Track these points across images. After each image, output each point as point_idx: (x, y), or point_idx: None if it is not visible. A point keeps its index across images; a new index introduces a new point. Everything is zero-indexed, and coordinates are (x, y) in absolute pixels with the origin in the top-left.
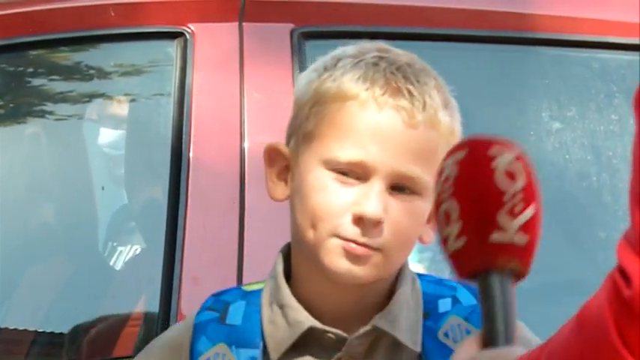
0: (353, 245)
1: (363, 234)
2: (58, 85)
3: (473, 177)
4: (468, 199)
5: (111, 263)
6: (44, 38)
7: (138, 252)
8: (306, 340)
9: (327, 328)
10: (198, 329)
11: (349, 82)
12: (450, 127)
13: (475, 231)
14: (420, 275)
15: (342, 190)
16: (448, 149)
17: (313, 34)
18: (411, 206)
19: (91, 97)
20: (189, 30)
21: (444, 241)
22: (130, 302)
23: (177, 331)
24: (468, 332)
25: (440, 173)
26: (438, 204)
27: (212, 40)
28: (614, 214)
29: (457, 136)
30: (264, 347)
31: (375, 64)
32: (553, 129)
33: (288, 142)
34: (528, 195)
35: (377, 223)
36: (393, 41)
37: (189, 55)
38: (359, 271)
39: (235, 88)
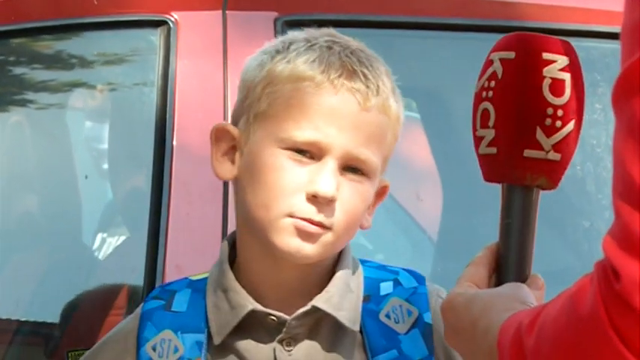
0: (306, 224)
1: (318, 212)
2: (41, 74)
3: (519, 84)
4: (507, 109)
5: (93, 252)
6: (26, 27)
7: (121, 240)
8: (249, 322)
9: (269, 311)
10: (144, 317)
11: (304, 64)
12: (397, 113)
13: (509, 144)
14: (363, 261)
15: (296, 168)
16: (394, 136)
17: (297, 22)
18: (360, 187)
19: (73, 86)
20: (172, 18)
21: (477, 140)
22: (114, 291)
23: (124, 324)
24: (410, 313)
25: (485, 67)
26: (477, 101)
27: (195, 29)
28: (598, 203)
29: (401, 123)
30: (209, 332)
31: (330, 48)
32: None
33: (235, 123)
34: (571, 109)
35: (330, 201)
36: (377, 29)
37: (173, 44)
38: (309, 249)
39: (219, 77)
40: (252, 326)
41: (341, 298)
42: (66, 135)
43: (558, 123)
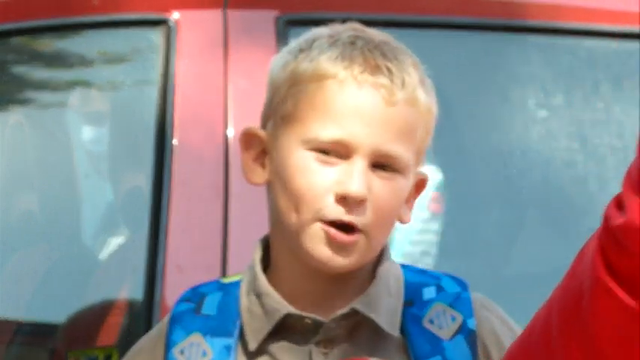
0: (337, 232)
1: (347, 212)
2: (41, 73)
3: None
4: None
5: (94, 251)
6: (26, 26)
7: (122, 240)
8: (285, 327)
9: (304, 314)
10: (174, 320)
11: (327, 62)
12: (427, 104)
13: None
14: (404, 266)
15: (324, 169)
16: (426, 129)
17: (298, 21)
18: (393, 184)
19: (74, 85)
20: (173, 17)
21: None
22: (114, 291)
23: (156, 327)
24: (453, 319)
25: None
26: None
27: (196, 28)
28: (600, 203)
29: (434, 114)
30: (243, 336)
31: (352, 43)
32: (539, 117)
33: (264, 126)
34: None
35: (361, 202)
36: (379, 28)
37: (173, 43)
38: (341, 260)
39: (219, 76)
40: (287, 330)
41: (381, 302)
42: (66, 134)
43: None
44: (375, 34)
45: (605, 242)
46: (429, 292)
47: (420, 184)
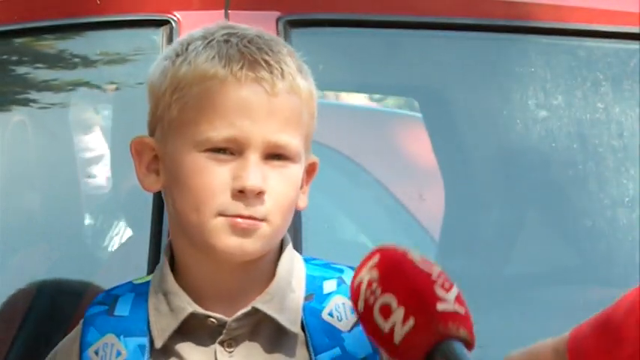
0: (239, 220)
1: (246, 206)
2: (43, 74)
3: (397, 269)
4: (402, 286)
5: (96, 250)
6: (28, 26)
7: (124, 239)
8: (190, 325)
9: (209, 313)
10: (87, 322)
11: (205, 63)
12: (308, 90)
13: (421, 306)
14: (307, 259)
15: (218, 168)
16: (310, 114)
17: (299, 22)
18: (287, 172)
19: (76, 85)
20: (174, 18)
21: (390, 333)
22: None
23: (72, 332)
24: (353, 311)
25: (358, 286)
26: (368, 309)
27: (198, 28)
28: (599, 203)
29: (315, 98)
30: (151, 335)
31: (227, 41)
32: (539, 117)
33: (152, 134)
34: (446, 278)
35: (259, 194)
36: (380, 29)
37: None
38: (249, 244)
39: None
40: (193, 329)
41: (282, 299)
42: (68, 134)
43: (447, 284)
44: (248, 29)
45: None
46: (329, 286)
47: (310, 169)
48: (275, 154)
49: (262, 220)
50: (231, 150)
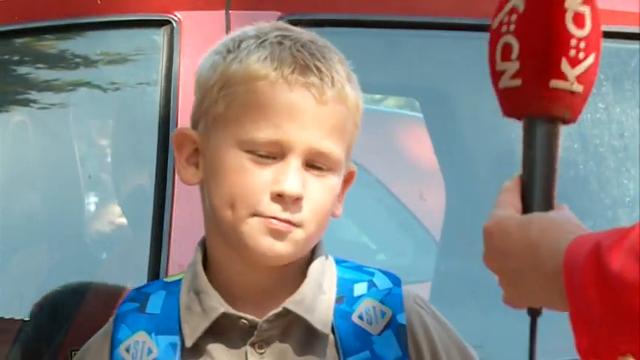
0: (274, 221)
1: (283, 210)
2: (44, 74)
3: (542, 16)
4: (532, 40)
5: (97, 251)
6: (29, 26)
7: (125, 239)
8: (221, 325)
9: (240, 314)
10: (118, 320)
11: (256, 63)
12: (355, 100)
13: (535, 75)
14: (339, 261)
15: (259, 170)
16: (354, 124)
17: (300, 22)
18: (326, 182)
19: (77, 85)
20: (175, 18)
21: (497, 75)
22: (117, 290)
23: (102, 328)
24: (383, 314)
25: (502, 4)
26: (496, 36)
27: (199, 28)
28: (600, 203)
29: (361, 109)
30: (182, 334)
31: (280, 43)
32: None
33: (195, 127)
34: (592, 41)
35: (297, 200)
36: (381, 29)
37: (176, 43)
38: (281, 247)
39: None
40: (224, 329)
41: (313, 300)
42: (69, 134)
43: (581, 55)
44: (302, 32)
45: None
46: (360, 289)
47: (349, 177)
48: (316, 162)
49: (298, 225)
50: (272, 153)
